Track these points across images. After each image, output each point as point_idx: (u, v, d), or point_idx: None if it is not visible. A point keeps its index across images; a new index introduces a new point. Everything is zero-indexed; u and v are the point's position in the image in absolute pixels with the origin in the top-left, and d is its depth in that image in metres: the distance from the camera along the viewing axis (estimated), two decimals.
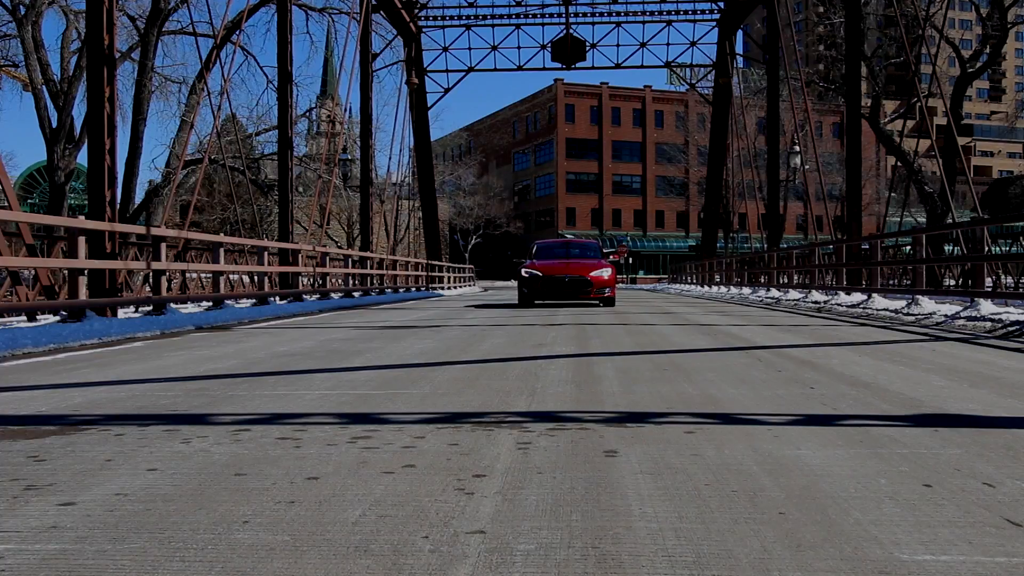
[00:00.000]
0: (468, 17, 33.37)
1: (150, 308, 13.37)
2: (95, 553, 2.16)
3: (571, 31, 32.07)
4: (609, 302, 17.48)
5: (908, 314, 13.02)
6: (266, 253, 17.86)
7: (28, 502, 2.63)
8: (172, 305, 13.59)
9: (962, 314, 11.55)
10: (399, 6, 31.14)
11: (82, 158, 27.11)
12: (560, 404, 4.45)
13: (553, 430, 3.72)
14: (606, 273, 17.29)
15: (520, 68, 34.00)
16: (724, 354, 7.24)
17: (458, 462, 3.11)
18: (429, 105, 35.59)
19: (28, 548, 2.20)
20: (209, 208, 45.97)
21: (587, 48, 32.78)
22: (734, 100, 33.81)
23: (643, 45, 33.40)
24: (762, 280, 27.40)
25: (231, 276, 19.74)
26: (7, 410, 4.48)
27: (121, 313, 12.85)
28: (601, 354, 7.24)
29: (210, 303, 15.68)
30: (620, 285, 51.92)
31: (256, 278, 19.54)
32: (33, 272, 11.71)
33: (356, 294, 23.96)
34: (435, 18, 34.01)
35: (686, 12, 32.51)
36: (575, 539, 2.24)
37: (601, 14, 32.56)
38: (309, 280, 21.75)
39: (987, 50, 33.75)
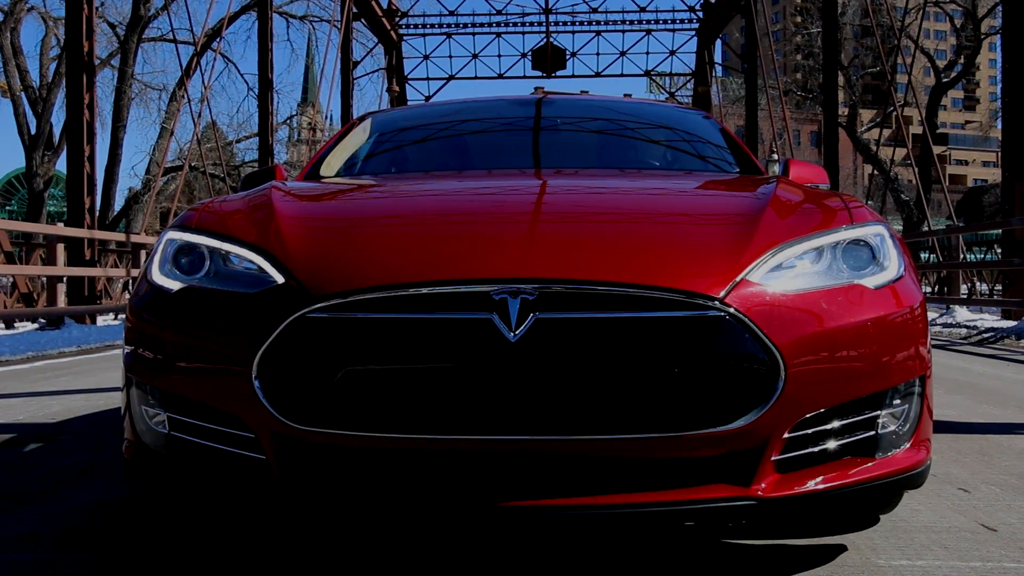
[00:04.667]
0: (449, 25, 33.32)
1: None
2: (72, 563, 2.14)
3: (551, 40, 32.12)
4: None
5: None
6: None
7: (5, 511, 2.60)
8: None
9: (938, 321, 11.67)
10: (380, 14, 31.11)
11: (61, 165, 26.95)
12: None
13: None
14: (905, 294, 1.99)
15: (501, 76, 33.98)
16: None
17: None
18: None
19: (4, 558, 2.18)
20: None
21: (567, 56, 32.80)
22: (713, 108, 34.00)
23: (623, 54, 33.46)
24: None
25: None
26: None
27: (100, 320, 12.75)
28: None
29: None
30: None
31: None
32: (11, 279, 11.61)
33: None
34: (416, 26, 33.93)
35: (665, 21, 32.59)
36: None
37: (581, 23, 32.59)
38: None
39: (961, 60, 34.16)
